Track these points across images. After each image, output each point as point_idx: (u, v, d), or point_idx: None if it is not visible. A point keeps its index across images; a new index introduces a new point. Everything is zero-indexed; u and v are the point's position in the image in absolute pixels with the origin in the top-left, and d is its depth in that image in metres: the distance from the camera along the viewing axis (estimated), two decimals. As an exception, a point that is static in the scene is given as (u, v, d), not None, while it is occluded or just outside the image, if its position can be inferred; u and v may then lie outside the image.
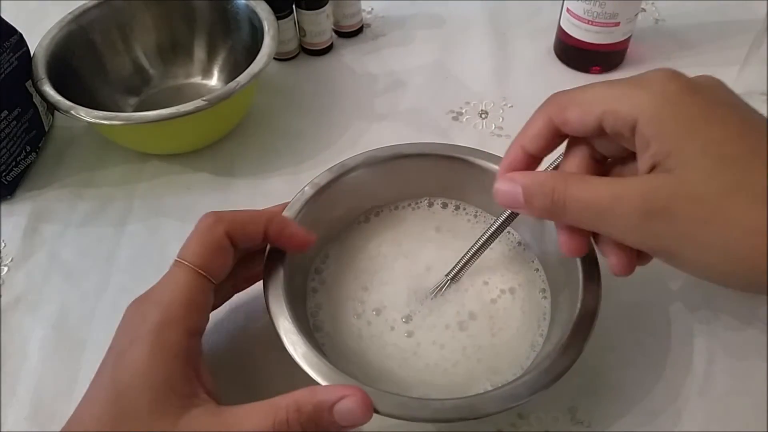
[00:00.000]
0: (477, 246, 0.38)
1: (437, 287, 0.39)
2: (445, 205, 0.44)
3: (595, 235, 0.32)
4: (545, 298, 0.39)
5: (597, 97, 0.29)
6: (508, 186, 0.31)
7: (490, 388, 0.34)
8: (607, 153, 0.32)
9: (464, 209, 0.43)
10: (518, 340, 0.37)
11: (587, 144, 0.32)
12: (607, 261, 0.31)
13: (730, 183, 0.25)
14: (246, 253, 0.36)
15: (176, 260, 0.33)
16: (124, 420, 0.28)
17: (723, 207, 0.25)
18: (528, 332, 0.37)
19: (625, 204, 0.27)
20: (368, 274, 0.40)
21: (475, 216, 0.43)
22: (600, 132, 0.30)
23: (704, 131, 0.26)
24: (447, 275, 0.39)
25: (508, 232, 0.42)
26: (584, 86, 0.30)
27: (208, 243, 0.33)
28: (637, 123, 0.27)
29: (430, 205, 0.44)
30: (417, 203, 0.44)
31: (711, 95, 0.28)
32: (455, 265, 0.39)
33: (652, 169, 0.27)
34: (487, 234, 0.38)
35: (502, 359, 0.36)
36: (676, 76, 0.28)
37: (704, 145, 0.26)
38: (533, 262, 0.40)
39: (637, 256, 0.31)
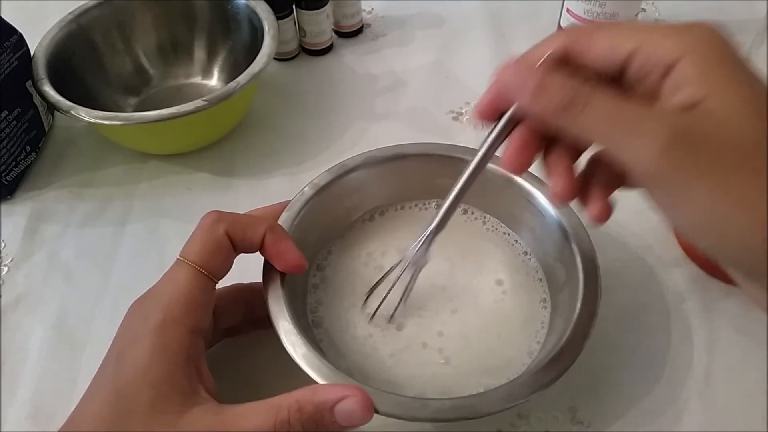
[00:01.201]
0: (453, 195, 0.34)
1: (417, 241, 0.35)
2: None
3: (546, 152, 0.30)
4: (545, 308, 0.39)
5: (633, 33, 0.28)
6: (520, 70, 0.28)
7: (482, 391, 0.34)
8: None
9: (472, 213, 0.43)
10: (515, 346, 0.37)
11: None
12: (551, 184, 0.29)
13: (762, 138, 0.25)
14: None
15: (178, 258, 0.33)
16: (125, 417, 0.28)
17: (754, 159, 0.24)
18: (525, 339, 0.37)
19: (653, 125, 0.25)
20: (370, 272, 0.40)
21: (484, 221, 0.43)
22: (619, 70, 0.28)
23: (745, 84, 0.27)
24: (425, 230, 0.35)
25: (516, 242, 0.42)
26: (609, 23, 0.28)
27: (208, 241, 0.33)
28: (680, 62, 0.26)
29: (438, 207, 0.43)
30: (425, 204, 0.44)
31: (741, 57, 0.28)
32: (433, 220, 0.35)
33: (684, 109, 0.26)
34: (458, 187, 0.34)
35: (498, 364, 0.36)
36: (718, 29, 0.28)
37: (745, 97, 0.26)
38: (537, 272, 0.40)
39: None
